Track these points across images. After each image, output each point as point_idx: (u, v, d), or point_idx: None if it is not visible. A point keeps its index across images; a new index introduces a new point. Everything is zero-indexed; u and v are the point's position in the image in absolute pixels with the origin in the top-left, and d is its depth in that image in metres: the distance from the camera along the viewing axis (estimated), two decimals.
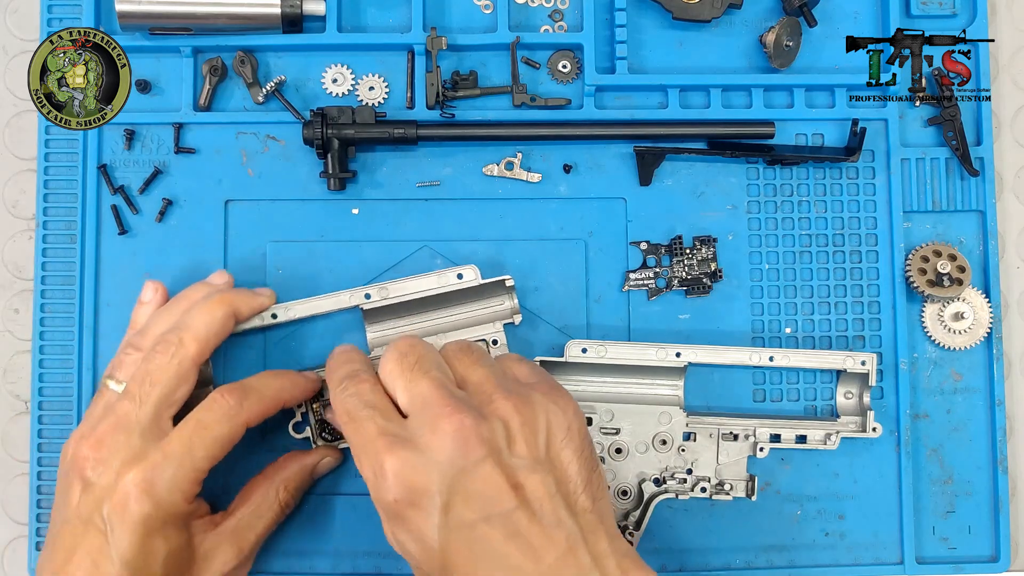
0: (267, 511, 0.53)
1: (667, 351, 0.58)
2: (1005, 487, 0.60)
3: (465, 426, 0.44)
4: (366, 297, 0.57)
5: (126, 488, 0.47)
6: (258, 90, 0.60)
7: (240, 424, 0.50)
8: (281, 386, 0.53)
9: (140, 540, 0.47)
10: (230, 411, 0.50)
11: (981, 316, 0.60)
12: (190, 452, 0.49)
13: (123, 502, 0.47)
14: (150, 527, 0.47)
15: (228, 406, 0.50)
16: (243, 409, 0.50)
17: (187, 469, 0.48)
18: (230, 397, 0.50)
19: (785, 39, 0.60)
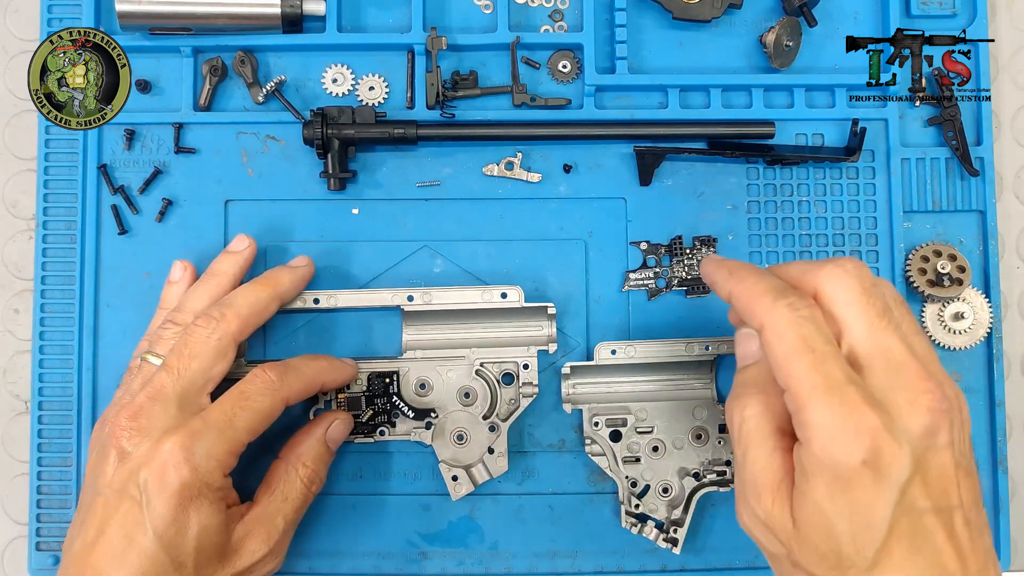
0: (291, 492, 0.53)
1: (696, 345, 0.58)
2: (1005, 487, 0.60)
3: (944, 408, 0.39)
4: (408, 299, 0.57)
5: (164, 456, 0.47)
6: (258, 90, 0.60)
7: (280, 399, 0.51)
8: (321, 367, 0.54)
9: (175, 510, 0.46)
10: (272, 385, 0.50)
11: (981, 316, 0.61)
12: (231, 422, 0.49)
13: (161, 469, 0.47)
14: (186, 496, 0.47)
15: (270, 380, 0.50)
16: (283, 385, 0.51)
17: (227, 439, 0.48)
18: (271, 372, 0.51)
19: (785, 39, 0.60)
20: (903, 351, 0.40)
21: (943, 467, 0.39)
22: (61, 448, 0.59)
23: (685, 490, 0.58)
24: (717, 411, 0.59)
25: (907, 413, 0.39)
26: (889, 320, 0.41)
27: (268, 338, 0.60)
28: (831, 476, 0.39)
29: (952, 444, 0.40)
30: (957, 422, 0.40)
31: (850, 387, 0.39)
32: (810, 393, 0.39)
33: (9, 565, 0.60)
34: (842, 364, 0.39)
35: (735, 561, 0.60)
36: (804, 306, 0.40)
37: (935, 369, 0.41)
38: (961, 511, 0.40)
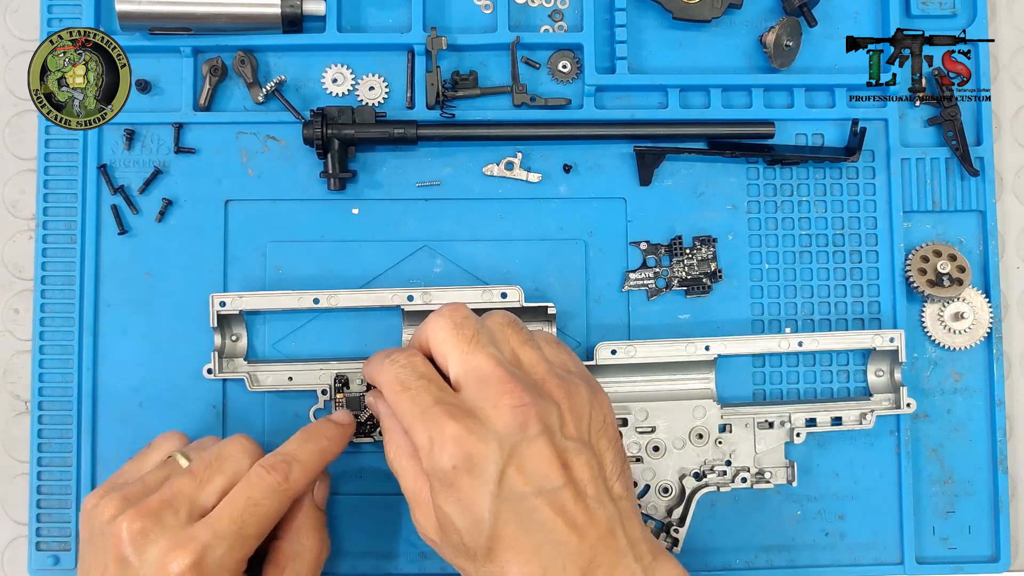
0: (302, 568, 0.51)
1: (696, 345, 0.58)
2: (1005, 487, 0.60)
3: (526, 403, 0.45)
4: (408, 299, 0.57)
5: (174, 571, 0.45)
6: (258, 90, 0.60)
7: (288, 499, 0.49)
8: (323, 449, 0.52)
9: None
10: (279, 487, 0.49)
11: (981, 316, 0.61)
12: (241, 531, 0.47)
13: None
14: None
15: (276, 483, 0.49)
16: (291, 483, 0.49)
17: (237, 548, 0.47)
18: (277, 474, 0.49)
19: (785, 39, 0.60)
20: (490, 365, 0.46)
21: (538, 454, 0.45)
22: (61, 448, 0.59)
23: (685, 490, 0.58)
24: (717, 411, 0.59)
25: (493, 415, 0.45)
26: (477, 344, 0.47)
27: (268, 338, 0.60)
28: (439, 484, 0.45)
29: (547, 431, 0.45)
30: (555, 412, 0.46)
31: (436, 407, 0.45)
32: (411, 421, 0.46)
33: (9, 565, 0.60)
34: (432, 391, 0.46)
35: (735, 561, 0.60)
36: (402, 357, 0.48)
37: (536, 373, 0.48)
38: (571, 488, 0.45)
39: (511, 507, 0.44)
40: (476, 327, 0.48)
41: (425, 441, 0.45)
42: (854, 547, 0.60)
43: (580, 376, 0.50)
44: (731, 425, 0.59)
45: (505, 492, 0.44)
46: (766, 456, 0.59)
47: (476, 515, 0.44)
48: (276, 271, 0.60)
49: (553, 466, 0.45)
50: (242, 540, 0.47)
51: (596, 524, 0.45)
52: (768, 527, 0.60)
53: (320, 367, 0.58)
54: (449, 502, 0.45)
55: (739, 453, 0.59)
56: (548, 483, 0.45)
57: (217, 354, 0.58)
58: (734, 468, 0.58)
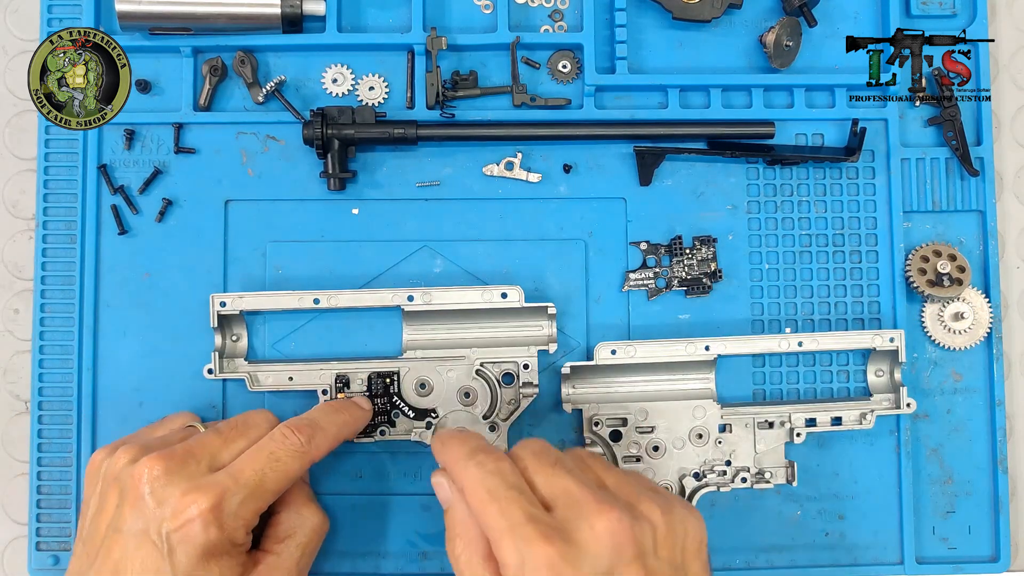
0: (304, 537, 0.52)
1: (696, 345, 0.58)
2: (1005, 487, 0.60)
3: (622, 525, 0.44)
4: (409, 299, 0.57)
5: (192, 512, 0.46)
6: (258, 90, 0.60)
7: (308, 462, 0.50)
8: (344, 422, 0.54)
9: (198, 564, 0.46)
10: (301, 448, 0.50)
11: (981, 316, 0.60)
12: (261, 483, 0.48)
13: (188, 525, 0.46)
14: (211, 552, 0.46)
15: (299, 443, 0.50)
16: (312, 447, 0.50)
17: (256, 498, 0.48)
18: (300, 435, 0.50)
19: (785, 39, 0.60)
20: (578, 486, 0.45)
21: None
22: (61, 448, 0.59)
23: (685, 490, 0.58)
24: (717, 411, 0.59)
25: (588, 538, 0.43)
26: (561, 467, 0.47)
27: (268, 339, 0.60)
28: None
29: (641, 556, 0.43)
30: (650, 534, 0.44)
31: (529, 525, 0.43)
32: (499, 535, 0.44)
33: (9, 565, 0.60)
34: (524, 507, 0.44)
35: (735, 561, 0.60)
36: (490, 462, 0.46)
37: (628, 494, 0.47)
38: None
39: None
40: (557, 454, 0.48)
41: (515, 560, 0.43)
42: (854, 547, 0.60)
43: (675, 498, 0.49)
44: (731, 425, 0.59)
45: None
46: (766, 456, 0.59)
47: None
48: (276, 271, 0.60)
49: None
50: (261, 492, 0.48)
51: None
52: (768, 527, 0.60)
53: (320, 367, 0.58)
54: None
55: (739, 453, 0.59)
56: None
57: (217, 354, 0.58)
58: (734, 468, 0.58)
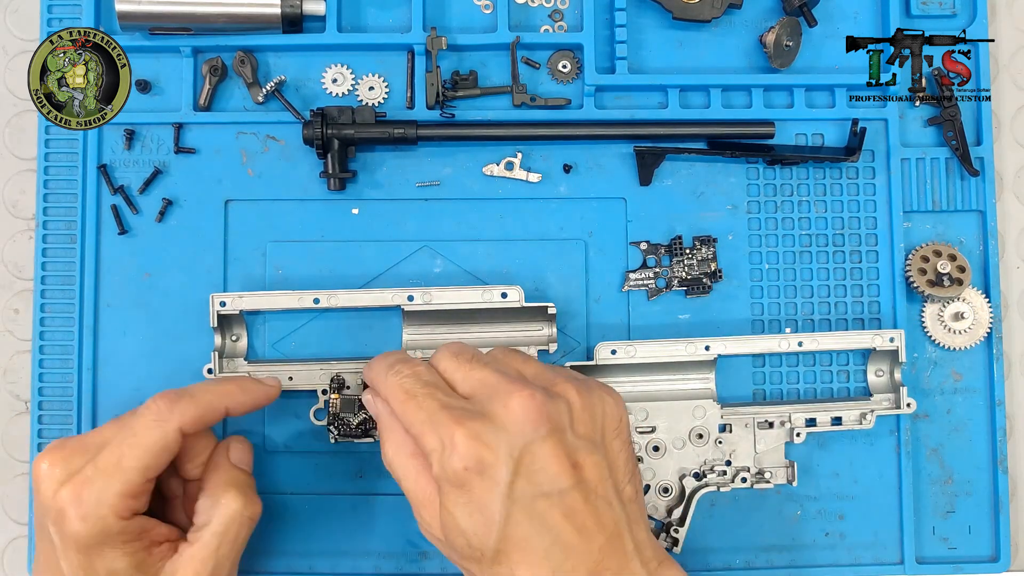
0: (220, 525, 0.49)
1: (696, 345, 0.58)
2: (1005, 487, 0.60)
3: (536, 399, 0.45)
4: (409, 299, 0.57)
5: (59, 503, 0.46)
6: (258, 90, 0.60)
7: (172, 430, 0.47)
8: (224, 391, 0.51)
9: (79, 558, 0.46)
10: (160, 415, 0.48)
11: (981, 316, 0.60)
12: (119, 464, 0.46)
13: (59, 517, 0.46)
14: (84, 544, 0.46)
15: (158, 409, 0.48)
16: (174, 413, 0.48)
17: (118, 481, 0.46)
18: (161, 401, 0.48)
19: (785, 39, 0.60)
20: (493, 374, 0.47)
21: (548, 454, 0.45)
22: None
23: (685, 490, 0.58)
24: (717, 411, 0.59)
25: (503, 415, 0.45)
26: (478, 361, 0.49)
27: (268, 339, 0.60)
28: (449, 486, 0.45)
29: (557, 431, 0.45)
30: (565, 410, 0.46)
31: (444, 412, 0.46)
32: (420, 427, 0.46)
33: (9, 565, 0.60)
34: (439, 397, 0.47)
35: (735, 561, 0.60)
36: (406, 368, 0.49)
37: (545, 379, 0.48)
38: (581, 489, 0.45)
39: (521, 508, 0.44)
40: (473, 351, 0.50)
41: (435, 444, 0.45)
42: (854, 547, 0.60)
43: (593, 380, 0.50)
44: (731, 425, 0.59)
45: (515, 494, 0.44)
46: (766, 456, 0.59)
47: (486, 517, 0.44)
48: (276, 271, 0.60)
49: (563, 467, 0.45)
50: (120, 473, 0.46)
51: (604, 527, 0.45)
52: (768, 527, 0.60)
53: (320, 367, 0.58)
54: (459, 504, 0.45)
55: (739, 453, 0.59)
56: (558, 484, 0.45)
57: (217, 354, 0.58)
58: (734, 468, 0.58)
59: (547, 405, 0.45)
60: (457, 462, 0.44)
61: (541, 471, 0.44)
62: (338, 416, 0.57)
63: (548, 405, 0.45)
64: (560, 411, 0.46)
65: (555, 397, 0.46)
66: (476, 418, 0.45)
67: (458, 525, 0.45)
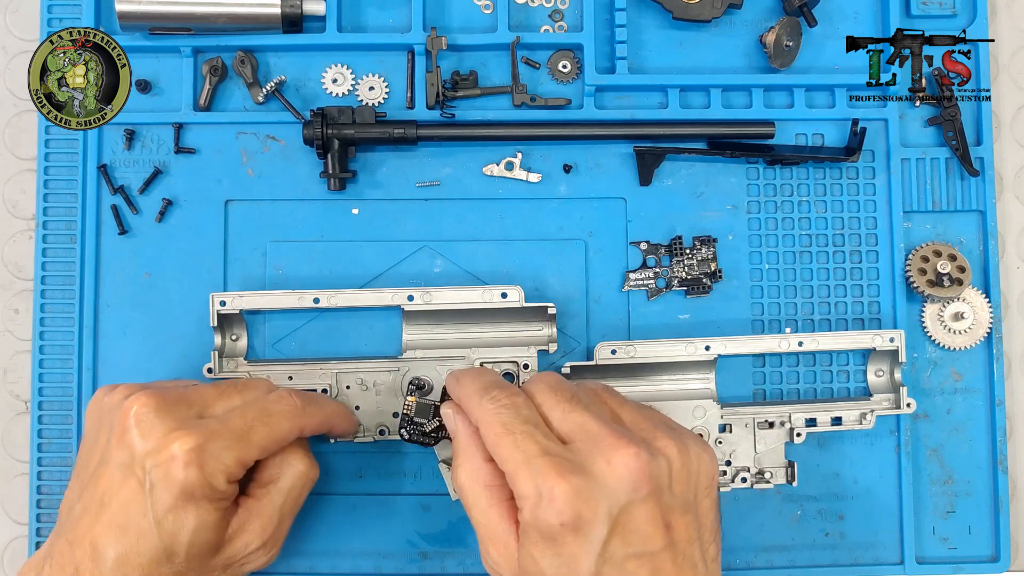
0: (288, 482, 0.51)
1: (696, 345, 0.58)
2: (1005, 487, 0.60)
3: (640, 460, 0.44)
4: (409, 299, 0.57)
5: (174, 450, 0.46)
6: (258, 90, 0.60)
7: (298, 427, 0.50)
8: (336, 411, 0.54)
9: (176, 504, 0.46)
10: (296, 410, 0.50)
11: (981, 316, 0.60)
12: (248, 433, 0.48)
13: (170, 463, 0.46)
14: (188, 493, 0.46)
15: (295, 405, 0.51)
16: (305, 414, 0.51)
17: (240, 447, 0.48)
18: (297, 398, 0.51)
19: (785, 39, 0.60)
20: (595, 422, 0.46)
21: (645, 516, 0.44)
22: (61, 448, 0.59)
23: None
24: (717, 411, 0.59)
25: (605, 472, 0.44)
26: (578, 402, 0.47)
27: (268, 338, 0.60)
28: (539, 535, 0.44)
29: (656, 492, 0.44)
30: (666, 470, 0.45)
31: (544, 458, 0.44)
32: (515, 468, 0.45)
33: (9, 565, 0.60)
34: (539, 440, 0.45)
35: (735, 561, 0.60)
36: (504, 397, 0.47)
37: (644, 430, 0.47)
38: (671, 551, 0.44)
39: (611, 568, 0.43)
40: (572, 388, 0.48)
41: (531, 492, 0.44)
42: (854, 547, 0.60)
43: (685, 432, 0.49)
44: (731, 425, 0.59)
45: (608, 553, 0.43)
46: (766, 456, 0.59)
47: (574, 572, 0.43)
48: (276, 271, 0.60)
49: (657, 528, 0.44)
50: (246, 442, 0.48)
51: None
52: (768, 527, 0.60)
53: (320, 367, 0.58)
54: (547, 556, 0.44)
55: (739, 453, 0.59)
56: (650, 546, 0.44)
57: (217, 353, 0.58)
58: (734, 468, 0.58)
59: (650, 465, 0.44)
60: (554, 517, 0.43)
61: (636, 532, 0.44)
62: (412, 420, 0.55)
63: (651, 465, 0.44)
64: (661, 471, 0.45)
65: (657, 455, 0.45)
66: (578, 472, 0.44)
67: (540, 570, 0.44)
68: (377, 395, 0.58)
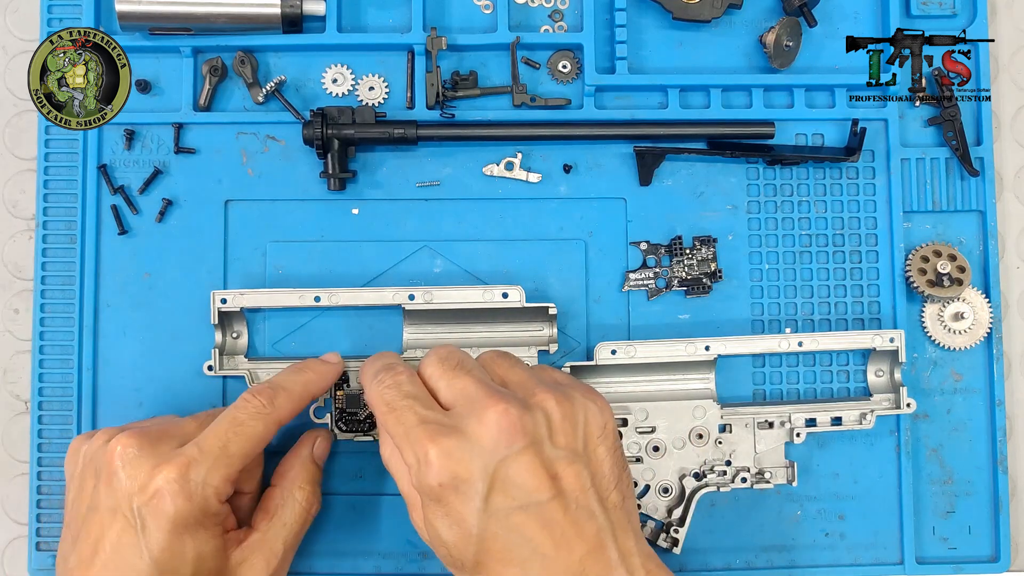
0: (290, 517, 0.52)
1: (696, 345, 0.58)
2: (1005, 487, 0.60)
3: (510, 415, 0.45)
4: (410, 298, 0.57)
5: (159, 484, 0.47)
6: (258, 90, 0.60)
7: (273, 422, 0.51)
8: (307, 380, 0.54)
9: (171, 538, 0.46)
10: (263, 409, 0.50)
11: (981, 316, 0.60)
12: (225, 448, 0.49)
13: (157, 498, 0.46)
14: (182, 524, 0.47)
15: (261, 405, 0.51)
16: (275, 408, 0.51)
17: (222, 465, 0.48)
18: (262, 397, 0.51)
19: (785, 39, 0.60)
20: (474, 384, 0.47)
21: (525, 468, 0.45)
22: (61, 448, 0.59)
23: (685, 490, 0.58)
24: (717, 411, 0.59)
25: (478, 431, 0.45)
26: (461, 368, 0.49)
27: (269, 338, 0.60)
28: (428, 499, 0.46)
29: (535, 444, 0.45)
30: (543, 422, 0.46)
31: (419, 427, 0.46)
32: (399, 441, 0.47)
33: (9, 565, 0.60)
34: (417, 410, 0.47)
35: (735, 561, 0.60)
36: (388, 378, 0.49)
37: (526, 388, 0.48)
38: (559, 500, 0.45)
39: (498, 522, 0.45)
40: (460, 357, 0.50)
41: (412, 460, 0.46)
42: (854, 547, 0.60)
43: (578, 387, 0.50)
44: (731, 425, 0.59)
45: (491, 508, 0.44)
46: (766, 456, 0.59)
47: (464, 531, 0.45)
48: (276, 271, 0.60)
49: (540, 479, 0.45)
50: (226, 458, 0.48)
51: (585, 537, 0.45)
52: (768, 527, 0.60)
53: None
54: (437, 517, 0.46)
55: (739, 453, 0.59)
56: (535, 497, 0.45)
57: (218, 351, 0.58)
58: (734, 468, 0.58)
59: (523, 418, 0.45)
60: (433, 479, 0.45)
61: (517, 485, 0.45)
62: (344, 411, 0.57)
63: (524, 418, 0.45)
64: (538, 423, 0.46)
65: (532, 409, 0.46)
66: (451, 434, 0.45)
67: (439, 536, 0.46)
68: None
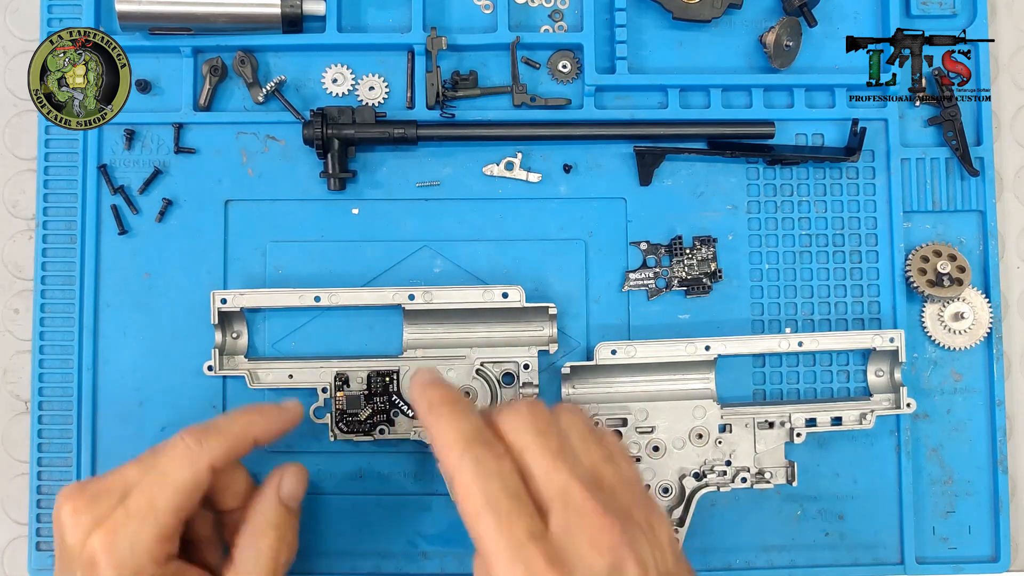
0: (256, 568, 0.48)
1: (696, 345, 0.58)
2: (1005, 487, 0.60)
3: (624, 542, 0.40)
4: (410, 298, 0.57)
5: (90, 552, 0.44)
6: (258, 90, 0.60)
7: (203, 468, 0.46)
8: (249, 421, 0.49)
9: None
10: (190, 453, 0.46)
11: (981, 316, 0.60)
12: (152, 507, 0.45)
13: (90, 566, 0.44)
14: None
15: (186, 447, 0.46)
16: (204, 449, 0.46)
17: (150, 526, 0.45)
18: (188, 438, 0.47)
19: (785, 39, 0.60)
20: (580, 491, 0.41)
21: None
22: (61, 448, 0.59)
23: (685, 490, 0.58)
24: (717, 411, 0.58)
25: (589, 556, 0.39)
26: (564, 460, 0.42)
27: (269, 338, 0.60)
28: None
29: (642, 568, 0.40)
30: (646, 544, 0.41)
31: (532, 547, 0.39)
32: (496, 557, 0.39)
33: (9, 565, 0.60)
34: (526, 521, 0.40)
35: (735, 561, 0.60)
36: (490, 459, 0.41)
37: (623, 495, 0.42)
38: None
39: None
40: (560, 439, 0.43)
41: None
42: (854, 547, 0.60)
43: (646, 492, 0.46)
44: (731, 425, 0.59)
45: None
46: (766, 456, 0.59)
47: None
48: (276, 271, 0.60)
49: None
50: (153, 515, 0.45)
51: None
52: (768, 527, 0.60)
53: (320, 365, 0.58)
54: None
55: (739, 453, 0.59)
56: None
57: (218, 351, 0.58)
58: (734, 468, 0.58)
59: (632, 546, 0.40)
60: None
61: None
62: (344, 412, 0.56)
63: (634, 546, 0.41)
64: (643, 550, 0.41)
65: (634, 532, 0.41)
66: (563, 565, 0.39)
67: None
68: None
